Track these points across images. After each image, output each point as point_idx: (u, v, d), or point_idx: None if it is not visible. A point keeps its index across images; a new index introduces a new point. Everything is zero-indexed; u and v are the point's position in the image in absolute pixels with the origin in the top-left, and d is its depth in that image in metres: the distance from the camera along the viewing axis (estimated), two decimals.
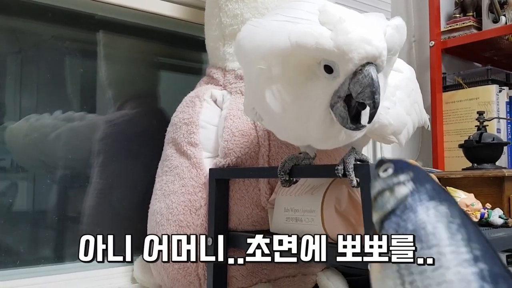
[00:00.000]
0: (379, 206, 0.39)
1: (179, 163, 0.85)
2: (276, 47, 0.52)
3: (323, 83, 0.52)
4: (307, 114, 0.54)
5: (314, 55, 0.50)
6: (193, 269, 0.80)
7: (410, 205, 0.37)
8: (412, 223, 0.36)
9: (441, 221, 0.35)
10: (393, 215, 0.37)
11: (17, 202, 0.93)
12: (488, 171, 0.95)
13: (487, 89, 1.35)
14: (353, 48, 0.48)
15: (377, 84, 0.49)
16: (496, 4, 1.41)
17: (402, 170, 0.39)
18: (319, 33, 0.49)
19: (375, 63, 0.50)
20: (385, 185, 0.39)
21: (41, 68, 0.98)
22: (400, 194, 0.38)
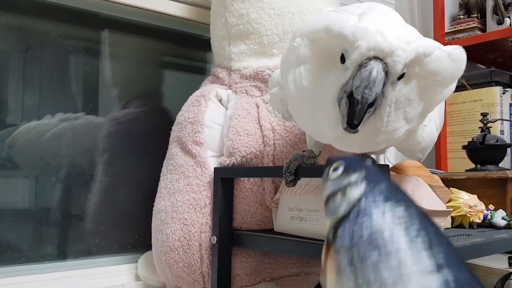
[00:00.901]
0: (331, 211, 0.36)
1: (184, 161, 0.85)
2: (312, 28, 0.52)
3: (337, 73, 0.50)
4: (317, 106, 0.52)
5: (336, 40, 0.49)
6: (197, 267, 0.80)
7: (364, 208, 0.34)
8: (367, 228, 0.33)
9: (399, 225, 0.32)
10: (347, 221, 0.34)
11: (21, 200, 0.94)
12: (492, 172, 0.95)
13: (491, 91, 1.35)
14: (364, 35, 0.46)
15: (372, 80, 0.45)
16: (500, 5, 1.40)
17: (354, 169, 0.37)
18: (347, 20, 0.48)
19: (384, 61, 0.46)
20: (336, 187, 0.37)
21: (47, 67, 0.98)
22: (353, 197, 0.35)
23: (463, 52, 0.51)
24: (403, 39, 0.46)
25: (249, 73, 0.88)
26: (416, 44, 0.47)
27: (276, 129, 0.83)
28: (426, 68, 0.49)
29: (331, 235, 0.36)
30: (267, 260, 0.83)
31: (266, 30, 0.87)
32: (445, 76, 0.50)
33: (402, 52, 0.46)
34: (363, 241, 0.33)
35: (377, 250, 0.31)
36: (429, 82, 0.51)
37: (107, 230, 1.01)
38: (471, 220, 0.86)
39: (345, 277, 0.33)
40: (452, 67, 0.50)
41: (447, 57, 0.49)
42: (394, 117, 0.50)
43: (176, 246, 0.81)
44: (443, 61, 0.49)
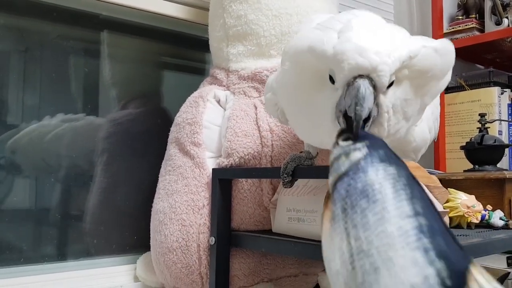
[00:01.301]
0: (335, 170, 0.40)
1: (182, 162, 0.85)
2: (297, 50, 0.52)
3: (329, 93, 0.51)
4: (318, 123, 0.53)
5: (321, 62, 0.50)
6: (195, 268, 0.80)
7: (362, 167, 0.38)
8: (362, 182, 0.37)
9: (388, 179, 0.36)
10: (346, 176, 0.39)
11: (20, 200, 0.94)
12: (490, 173, 0.95)
13: (489, 91, 1.35)
14: (344, 58, 0.47)
15: (361, 96, 0.46)
16: (498, 6, 1.41)
17: (360, 139, 0.41)
18: (328, 40, 0.48)
19: (370, 77, 0.47)
20: (342, 151, 0.41)
21: (46, 67, 0.98)
22: (354, 158, 0.39)
23: (450, 44, 0.52)
24: (384, 52, 0.47)
25: (247, 74, 0.88)
26: (399, 51, 0.48)
27: (274, 130, 0.83)
28: (416, 69, 0.50)
29: (331, 189, 0.39)
30: (265, 260, 0.83)
31: (264, 31, 0.88)
32: (436, 72, 0.51)
33: (384, 66, 0.47)
34: (356, 192, 0.37)
35: (366, 198, 0.36)
36: (421, 80, 0.51)
37: (106, 231, 1.01)
38: (469, 221, 0.86)
39: (337, 222, 0.36)
40: (442, 62, 0.51)
41: (435, 53, 0.50)
42: (394, 120, 0.51)
43: (175, 247, 0.81)
44: (431, 58, 0.50)
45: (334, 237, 0.36)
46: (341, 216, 0.36)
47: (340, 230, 0.35)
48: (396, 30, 0.51)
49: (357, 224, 0.34)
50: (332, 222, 0.37)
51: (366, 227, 0.33)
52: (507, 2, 1.44)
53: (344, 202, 0.37)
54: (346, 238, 0.34)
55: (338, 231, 0.35)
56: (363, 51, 0.46)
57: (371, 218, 0.34)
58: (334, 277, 0.33)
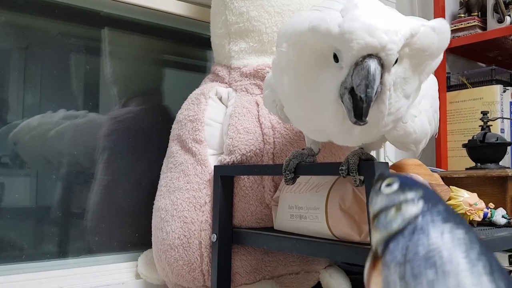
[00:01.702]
0: (383, 225, 0.35)
1: (184, 160, 0.85)
2: (297, 31, 0.52)
3: (333, 72, 0.50)
4: (320, 104, 0.53)
5: (324, 41, 0.49)
6: (197, 265, 0.80)
7: (421, 226, 0.33)
8: (424, 246, 0.31)
9: (458, 246, 0.31)
10: (401, 236, 0.33)
11: (22, 198, 0.94)
12: (492, 170, 0.95)
13: (491, 89, 1.35)
14: (353, 37, 0.46)
15: (372, 78, 0.46)
16: (501, 4, 1.40)
17: (410, 187, 0.35)
18: (332, 19, 0.48)
19: (379, 56, 0.47)
20: (390, 201, 0.35)
21: (47, 65, 0.98)
22: (409, 213, 0.34)
23: (446, 23, 0.52)
24: (392, 31, 0.47)
25: (249, 71, 0.88)
26: (403, 29, 0.48)
27: (276, 127, 0.83)
28: (415, 47, 0.51)
29: (381, 249, 0.34)
30: (267, 258, 0.83)
31: (266, 28, 0.87)
32: (433, 50, 0.52)
33: (393, 44, 0.47)
34: (418, 258, 0.31)
35: (433, 268, 0.30)
36: (419, 58, 0.52)
37: (108, 228, 1.01)
38: (471, 219, 0.86)
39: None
40: (438, 40, 0.51)
41: (433, 31, 0.50)
42: (395, 97, 0.52)
43: (176, 244, 0.81)
44: (429, 37, 0.50)
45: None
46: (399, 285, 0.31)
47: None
48: (392, 9, 0.52)
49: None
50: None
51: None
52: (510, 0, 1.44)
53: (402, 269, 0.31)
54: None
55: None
56: (372, 29, 0.46)
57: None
58: None
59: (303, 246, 0.69)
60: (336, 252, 0.65)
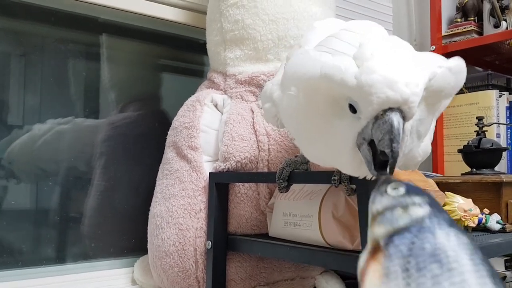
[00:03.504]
0: (388, 221, 0.35)
1: (180, 166, 0.85)
2: (307, 76, 0.49)
3: (349, 121, 0.48)
4: (336, 151, 0.51)
5: (339, 91, 0.47)
6: (192, 272, 0.80)
7: (428, 227, 0.33)
8: (431, 244, 0.32)
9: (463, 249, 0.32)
10: (407, 232, 0.33)
11: (19, 203, 0.94)
12: (487, 176, 0.95)
13: (487, 94, 1.35)
14: (373, 91, 0.44)
15: (397, 132, 0.44)
16: (497, 9, 1.41)
17: (417, 193, 0.36)
18: (347, 68, 0.46)
19: (400, 109, 0.45)
20: (397, 202, 0.36)
21: (45, 71, 0.98)
22: (416, 215, 0.34)
23: (463, 62, 0.50)
24: (413, 83, 0.45)
25: (244, 78, 0.88)
26: (423, 77, 0.46)
27: (271, 134, 0.83)
28: (432, 89, 0.49)
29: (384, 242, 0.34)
30: (262, 264, 0.83)
31: (260, 36, 0.88)
32: (449, 90, 0.50)
33: (415, 97, 0.45)
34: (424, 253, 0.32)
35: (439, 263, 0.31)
36: (435, 99, 0.50)
37: (104, 234, 1.01)
38: (466, 224, 0.86)
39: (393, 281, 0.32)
40: (455, 80, 0.50)
41: (449, 72, 0.49)
42: (410, 140, 0.50)
43: (171, 251, 0.81)
44: (446, 78, 0.49)
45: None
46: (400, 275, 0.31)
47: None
48: (408, 48, 0.50)
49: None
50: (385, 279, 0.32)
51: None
52: (506, 4, 1.44)
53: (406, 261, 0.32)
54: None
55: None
56: (393, 83, 0.44)
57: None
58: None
59: (297, 254, 0.69)
60: (329, 260, 0.65)
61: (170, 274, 0.82)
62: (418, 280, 0.30)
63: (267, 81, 0.86)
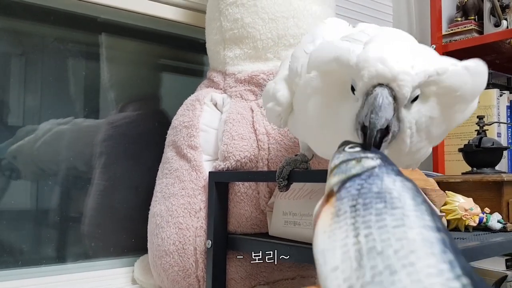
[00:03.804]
0: (342, 171, 0.38)
1: (179, 165, 0.85)
2: (325, 59, 0.51)
3: (350, 103, 0.49)
4: (340, 135, 0.51)
5: (345, 71, 0.49)
6: (192, 271, 0.80)
7: (377, 173, 0.37)
8: (378, 187, 0.35)
9: (407, 191, 0.35)
10: (358, 178, 0.37)
11: (19, 203, 0.94)
12: (488, 175, 0.95)
13: (488, 93, 1.35)
14: (366, 65, 0.46)
15: (378, 106, 0.44)
16: (497, 7, 1.41)
17: (371, 151, 0.40)
18: (354, 50, 0.48)
19: (390, 86, 0.45)
20: (351, 156, 0.39)
21: (44, 71, 0.98)
22: (368, 165, 0.38)
23: (483, 65, 0.49)
24: (406, 62, 0.45)
25: (243, 77, 0.88)
26: (424, 65, 0.46)
27: (271, 133, 0.83)
28: (444, 85, 0.48)
29: (337, 187, 0.37)
30: (262, 263, 0.83)
31: (260, 34, 0.88)
32: (465, 91, 0.49)
33: (405, 75, 0.45)
34: (371, 194, 0.35)
35: (383, 202, 0.34)
36: (449, 99, 0.49)
37: (104, 233, 1.01)
38: (466, 223, 0.86)
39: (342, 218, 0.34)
40: (472, 81, 0.49)
41: (465, 71, 0.48)
42: (417, 138, 0.49)
43: (171, 250, 0.81)
44: (461, 76, 0.48)
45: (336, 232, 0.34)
46: (349, 213, 0.34)
47: (346, 226, 0.33)
48: (426, 48, 0.50)
49: (371, 224, 0.32)
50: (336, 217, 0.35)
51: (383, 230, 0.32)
52: (506, 3, 1.44)
53: (354, 201, 0.35)
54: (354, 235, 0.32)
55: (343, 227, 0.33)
56: (384, 59, 0.45)
57: (389, 222, 0.32)
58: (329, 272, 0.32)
59: (297, 253, 0.69)
60: None
61: (170, 273, 0.82)
62: (364, 216, 0.34)
63: (266, 80, 0.86)
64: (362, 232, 0.32)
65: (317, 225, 0.36)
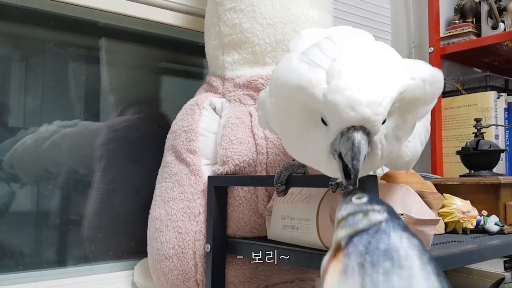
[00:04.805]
0: (349, 224, 0.39)
1: (179, 170, 0.86)
2: (287, 85, 0.51)
3: (323, 131, 0.50)
4: (314, 157, 0.53)
5: (311, 104, 0.49)
6: (191, 275, 0.81)
7: (384, 229, 0.37)
8: (385, 244, 0.36)
9: (413, 250, 0.35)
10: (365, 233, 0.38)
11: (20, 207, 0.95)
12: (485, 178, 0.96)
13: (486, 96, 1.36)
14: (337, 110, 0.46)
15: (357, 150, 0.45)
16: (495, 10, 1.41)
17: (377, 202, 0.41)
18: (318, 83, 0.47)
19: (364, 127, 0.46)
20: (359, 209, 0.40)
21: (44, 75, 0.99)
22: (374, 219, 0.39)
23: (439, 72, 0.51)
24: (376, 102, 0.46)
25: (242, 82, 0.89)
26: (390, 94, 0.47)
27: (269, 138, 0.83)
28: (406, 99, 0.50)
29: (344, 242, 0.38)
30: (261, 267, 0.84)
31: (258, 39, 0.88)
32: (426, 98, 0.51)
33: (376, 116, 0.46)
34: (378, 251, 0.36)
35: (391, 261, 0.34)
36: (412, 106, 0.51)
37: (104, 237, 1.02)
38: (464, 226, 0.86)
39: (350, 276, 0.35)
40: (431, 89, 0.51)
41: (423, 83, 0.50)
42: (387, 145, 0.51)
43: (171, 254, 0.82)
44: (420, 88, 0.50)
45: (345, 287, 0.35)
46: (357, 271, 0.35)
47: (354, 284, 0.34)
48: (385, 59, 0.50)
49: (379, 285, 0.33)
50: (344, 274, 0.36)
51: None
52: (504, 6, 1.45)
53: (362, 258, 0.36)
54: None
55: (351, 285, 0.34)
56: (355, 104, 0.45)
57: (396, 282, 0.33)
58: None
59: (295, 257, 0.69)
60: None
61: (170, 277, 0.83)
62: (372, 275, 0.34)
63: (265, 84, 0.87)
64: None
65: (326, 281, 0.37)
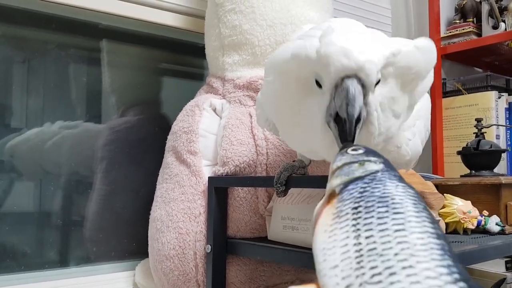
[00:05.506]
0: (345, 173, 0.39)
1: (179, 171, 0.86)
2: (280, 60, 0.53)
3: (317, 98, 0.51)
4: (309, 130, 0.54)
5: (305, 67, 0.50)
6: (192, 275, 0.81)
7: (380, 178, 0.37)
8: (380, 191, 0.36)
9: (409, 198, 0.35)
10: (360, 181, 0.37)
11: (21, 207, 0.95)
12: (486, 178, 0.95)
13: (486, 95, 1.36)
14: (330, 60, 0.47)
15: (352, 97, 0.47)
16: (495, 10, 1.41)
17: (374, 154, 0.41)
18: (311, 45, 0.49)
19: (358, 76, 0.48)
20: (355, 159, 0.40)
21: (46, 77, 1.00)
22: (371, 168, 0.38)
23: (431, 42, 0.53)
24: (368, 51, 0.47)
25: (242, 83, 0.89)
26: (382, 49, 0.49)
27: (269, 138, 0.84)
28: (399, 65, 0.51)
29: (339, 189, 0.38)
30: (261, 268, 0.84)
31: (258, 41, 0.89)
32: (420, 68, 0.52)
33: (371, 64, 0.47)
34: (373, 197, 0.35)
35: (385, 207, 0.34)
36: (406, 77, 0.52)
37: (105, 238, 1.02)
38: (465, 226, 0.86)
39: (343, 219, 0.35)
40: (424, 59, 0.52)
41: (416, 50, 0.51)
42: (384, 118, 0.52)
43: (172, 254, 0.82)
44: (413, 55, 0.51)
45: (337, 231, 0.34)
46: (350, 215, 0.35)
47: (347, 227, 0.34)
48: (376, 32, 0.53)
49: (373, 227, 0.33)
50: (337, 218, 0.35)
51: (385, 232, 0.32)
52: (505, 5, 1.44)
53: (356, 203, 0.35)
54: (355, 236, 0.33)
55: (344, 228, 0.34)
56: (347, 52, 0.47)
57: (391, 225, 0.33)
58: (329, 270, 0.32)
59: (295, 257, 0.70)
60: None
61: (171, 278, 0.83)
62: (365, 218, 0.34)
63: None
64: (363, 234, 0.33)
65: (318, 224, 0.37)
